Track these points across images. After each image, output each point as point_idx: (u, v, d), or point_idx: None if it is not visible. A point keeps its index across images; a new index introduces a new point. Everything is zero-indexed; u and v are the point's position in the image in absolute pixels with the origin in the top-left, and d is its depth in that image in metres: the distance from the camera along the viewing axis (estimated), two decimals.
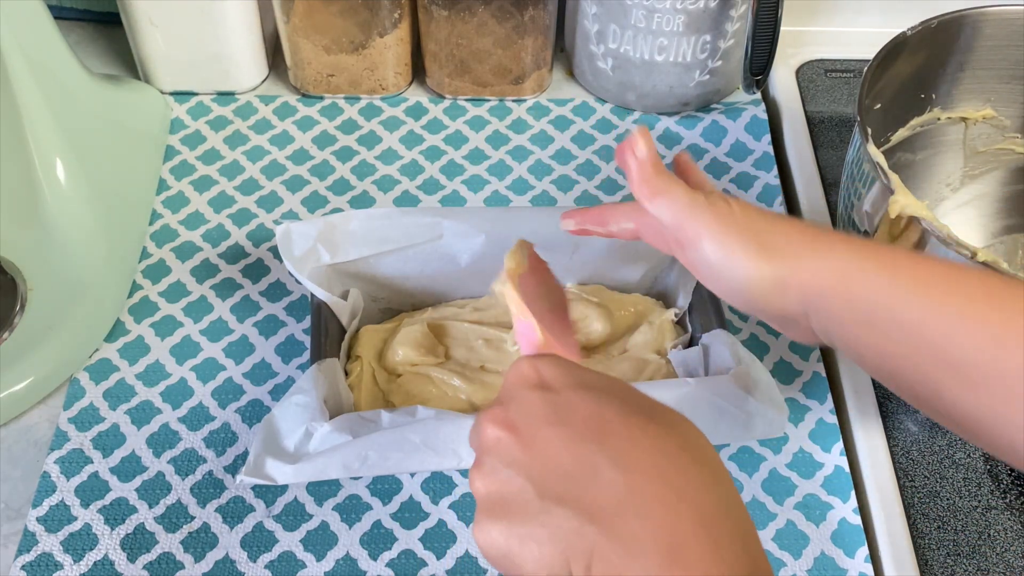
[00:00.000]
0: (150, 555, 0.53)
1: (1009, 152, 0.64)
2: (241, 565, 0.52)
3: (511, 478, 0.36)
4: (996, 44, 0.59)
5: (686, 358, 0.57)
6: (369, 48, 0.73)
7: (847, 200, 0.56)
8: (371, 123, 0.75)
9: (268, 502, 0.55)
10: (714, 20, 0.69)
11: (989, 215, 0.67)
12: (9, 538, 0.53)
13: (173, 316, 0.63)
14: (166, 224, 0.68)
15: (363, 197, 0.70)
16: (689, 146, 0.74)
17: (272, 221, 0.68)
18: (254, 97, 0.77)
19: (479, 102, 0.77)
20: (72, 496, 0.55)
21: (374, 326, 0.60)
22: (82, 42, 0.80)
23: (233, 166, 0.72)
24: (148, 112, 0.73)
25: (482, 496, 0.37)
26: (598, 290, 0.61)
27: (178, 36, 0.72)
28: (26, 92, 0.60)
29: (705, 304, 0.58)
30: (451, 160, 0.73)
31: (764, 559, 0.35)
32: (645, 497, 0.34)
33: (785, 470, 0.57)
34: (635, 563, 0.33)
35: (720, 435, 0.55)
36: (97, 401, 0.59)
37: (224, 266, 0.66)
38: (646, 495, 0.34)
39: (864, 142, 0.52)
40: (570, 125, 0.76)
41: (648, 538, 0.33)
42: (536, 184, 0.72)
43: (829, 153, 0.74)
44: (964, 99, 0.62)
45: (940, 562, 0.53)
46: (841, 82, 0.79)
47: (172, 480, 0.55)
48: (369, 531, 0.54)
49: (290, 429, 0.51)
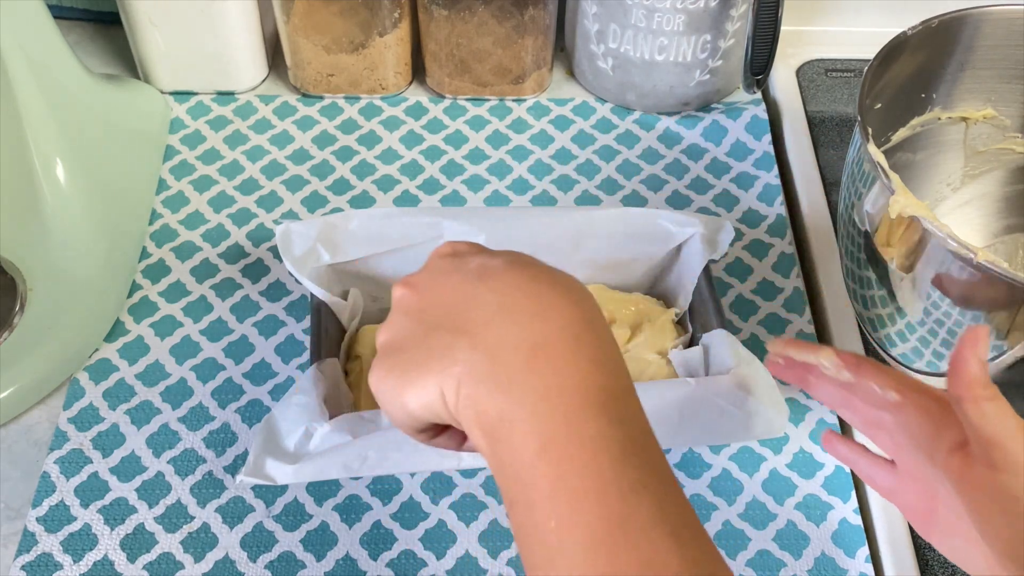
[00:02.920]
0: (150, 555, 0.53)
1: (1009, 152, 0.64)
2: (241, 565, 0.52)
3: (404, 323, 0.38)
4: (997, 44, 0.59)
5: (686, 358, 0.57)
6: (369, 48, 0.73)
7: (847, 200, 0.56)
8: (371, 123, 0.75)
9: (268, 502, 0.55)
10: (714, 20, 0.69)
11: (990, 215, 0.66)
12: (9, 538, 0.53)
13: (173, 316, 0.63)
14: (166, 224, 0.68)
15: (363, 197, 0.70)
16: (689, 146, 0.74)
17: (272, 221, 0.68)
18: (254, 97, 0.77)
19: (479, 102, 0.77)
20: (72, 496, 0.55)
21: (374, 326, 0.60)
22: (82, 42, 0.80)
23: (233, 166, 0.72)
24: (148, 112, 0.73)
25: (380, 346, 0.39)
26: (599, 290, 0.61)
27: (178, 36, 0.72)
28: (26, 92, 0.60)
29: (705, 304, 0.58)
30: (451, 160, 0.73)
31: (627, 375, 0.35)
32: (513, 310, 0.35)
33: (785, 470, 0.57)
34: (498, 366, 0.34)
35: (720, 435, 0.55)
36: (97, 401, 0.59)
37: (224, 266, 0.66)
38: (515, 308, 0.35)
39: (864, 142, 0.52)
40: (570, 125, 0.76)
41: (512, 341, 0.34)
42: (536, 184, 0.71)
43: (829, 153, 0.74)
44: (965, 99, 0.62)
45: (940, 562, 0.53)
46: (841, 82, 0.79)
47: (172, 480, 0.55)
48: (369, 531, 0.54)
49: (290, 429, 0.51)
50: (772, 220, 0.70)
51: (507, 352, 0.34)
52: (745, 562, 0.53)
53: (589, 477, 0.32)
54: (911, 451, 0.43)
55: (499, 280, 0.37)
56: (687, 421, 0.52)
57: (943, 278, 0.50)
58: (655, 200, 0.71)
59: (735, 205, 0.70)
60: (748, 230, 0.69)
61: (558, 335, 0.35)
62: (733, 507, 0.55)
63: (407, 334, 0.37)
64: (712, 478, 0.56)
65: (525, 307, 0.35)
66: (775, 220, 0.70)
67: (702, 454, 0.57)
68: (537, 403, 0.33)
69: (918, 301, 0.52)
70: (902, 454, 0.44)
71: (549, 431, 0.33)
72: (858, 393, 0.44)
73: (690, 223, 0.60)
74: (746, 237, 0.68)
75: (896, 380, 0.43)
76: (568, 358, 0.34)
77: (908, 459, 0.43)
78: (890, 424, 0.44)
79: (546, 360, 0.34)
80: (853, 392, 0.45)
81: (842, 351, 0.45)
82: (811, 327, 0.63)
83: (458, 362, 0.35)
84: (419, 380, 0.36)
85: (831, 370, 0.45)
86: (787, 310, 0.64)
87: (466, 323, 0.36)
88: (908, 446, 0.43)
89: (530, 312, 0.35)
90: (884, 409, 0.43)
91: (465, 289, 0.37)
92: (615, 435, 0.33)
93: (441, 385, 0.35)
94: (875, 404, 0.44)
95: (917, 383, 0.43)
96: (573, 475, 0.32)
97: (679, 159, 0.73)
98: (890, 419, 0.43)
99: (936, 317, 0.51)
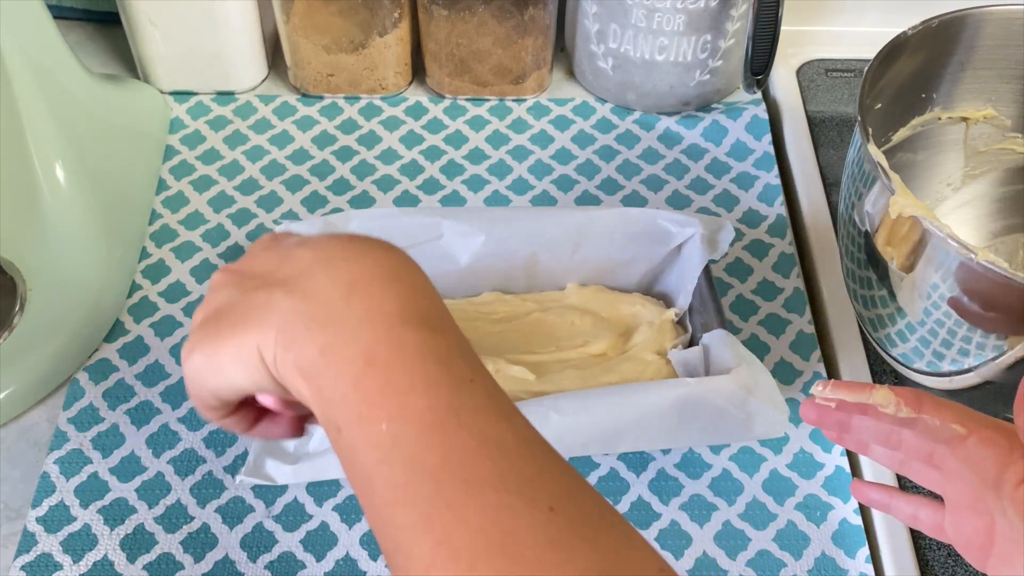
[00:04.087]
0: (150, 555, 0.53)
1: (1010, 152, 0.64)
2: (241, 565, 0.52)
3: (218, 296, 0.37)
4: (997, 44, 0.59)
5: (686, 358, 0.57)
6: (369, 48, 0.73)
7: (848, 200, 0.56)
8: (371, 123, 0.75)
9: (268, 502, 0.55)
10: (714, 20, 0.69)
11: (990, 215, 0.66)
12: (9, 538, 0.53)
13: (173, 316, 0.63)
14: (166, 224, 0.68)
15: (363, 197, 0.70)
16: (689, 146, 0.74)
17: (272, 221, 0.68)
18: (254, 97, 0.77)
19: (479, 102, 0.77)
20: (72, 496, 0.55)
21: None
22: (82, 42, 0.80)
23: (233, 166, 0.72)
24: (148, 112, 0.73)
25: (195, 323, 0.38)
26: (598, 290, 0.61)
27: (178, 36, 0.72)
28: (26, 92, 0.60)
29: (705, 304, 0.58)
30: (451, 160, 0.73)
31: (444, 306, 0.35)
32: (328, 259, 0.35)
33: (786, 470, 0.57)
34: (316, 304, 0.34)
35: (720, 435, 0.55)
36: (97, 401, 0.59)
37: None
38: (330, 257, 0.35)
39: (865, 142, 0.52)
40: (570, 125, 0.76)
41: (328, 282, 0.34)
42: (536, 184, 0.71)
43: (830, 153, 0.74)
44: (965, 99, 0.62)
45: (940, 562, 0.53)
46: (842, 82, 0.79)
47: (172, 480, 0.55)
48: (369, 531, 0.54)
49: None
50: (772, 220, 0.70)
51: (323, 291, 0.34)
52: (745, 562, 0.53)
53: (417, 375, 0.32)
54: (971, 484, 0.41)
55: (316, 242, 0.37)
56: (687, 421, 0.52)
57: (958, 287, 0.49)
58: (655, 200, 0.71)
59: (735, 205, 0.70)
60: (748, 230, 0.69)
61: (373, 270, 0.35)
62: (733, 507, 0.55)
63: (223, 303, 0.37)
64: (712, 478, 0.56)
65: (339, 255, 0.35)
66: (775, 220, 0.70)
67: (702, 454, 0.57)
68: (357, 328, 0.33)
69: (918, 301, 0.52)
70: (958, 488, 0.42)
71: (372, 347, 0.33)
72: (916, 428, 0.43)
73: (690, 223, 0.60)
74: (746, 237, 0.68)
75: (957, 413, 0.42)
76: (385, 288, 0.34)
77: (966, 492, 0.41)
78: (946, 458, 0.42)
79: (364, 292, 0.34)
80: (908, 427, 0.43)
81: (898, 387, 0.43)
82: (811, 327, 0.63)
83: (274, 312, 0.34)
84: (236, 338, 0.35)
85: (889, 408, 0.43)
86: (787, 310, 0.64)
87: (284, 279, 0.35)
88: (968, 479, 0.41)
89: (344, 258, 0.35)
90: (943, 443, 0.42)
91: (281, 253, 0.37)
92: (439, 342, 0.33)
93: (259, 340, 0.35)
94: (934, 438, 0.42)
95: (980, 415, 0.42)
96: (400, 376, 0.32)
97: (679, 159, 0.73)
98: (946, 452, 0.42)
99: (936, 317, 0.51)
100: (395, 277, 0.35)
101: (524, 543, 0.29)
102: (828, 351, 0.63)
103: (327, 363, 0.33)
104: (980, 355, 0.51)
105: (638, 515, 0.55)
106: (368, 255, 0.36)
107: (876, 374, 0.61)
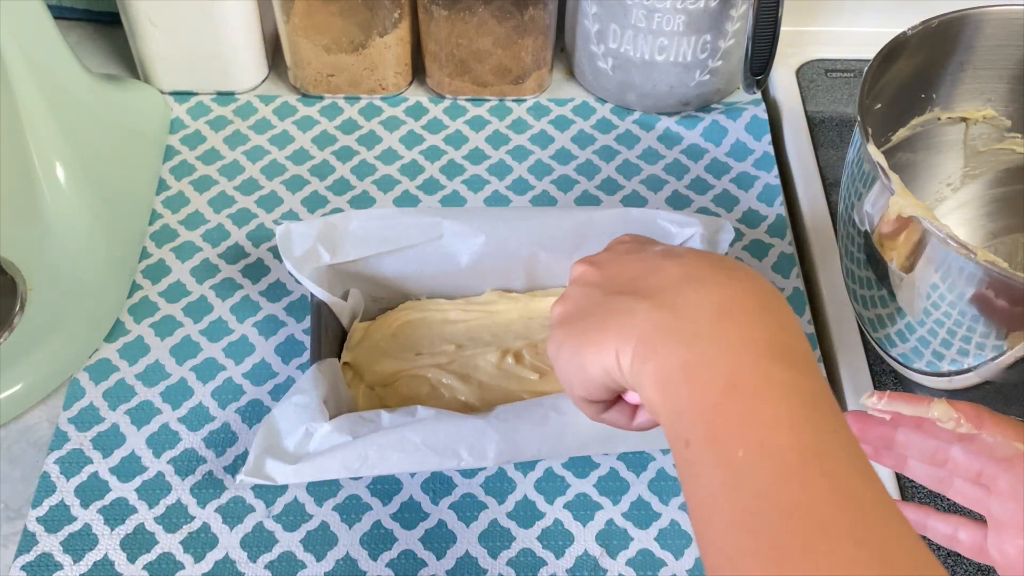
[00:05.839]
0: (150, 555, 0.53)
1: (1009, 152, 0.64)
2: (241, 565, 0.52)
3: (583, 292, 0.38)
4: (996, 44, 0.59)
5: None
6: (369, 48, 0.73)
7: (847, 200, 0.56)
8: (371, 123, 0.75)
9: (268, 502, 0.55)
10: (714, 20, 0.69)
11: (990, 215, 0.66)
12: (9, 538, 0.53)
13: (173, 316, 0.63)
14: (166, 224, 0.68)
15: (363, 197, 0.70)
16: (689, 146, 0.74)
17: (272, 221, 0.68)
18: (254, 97, 0.77)
19: (479, 102, 0.77)
20: (72, 496, 0.55)
21: (363, 323, 0.59)
22: (82, 42, 0.80)
23: (233, 166, 0.72)
24: (148, 112, 0.73)
25: (557, 317, 0.39)
26: None
27: (178, 36, 0.72)
28: (26, 92, 0.60)
29: None
30: (451, 160, 0.73)
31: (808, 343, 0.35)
32: (699, 278, 0.35)
33: None
34: (683, 322, 0.34)
35: None
36: (97, 401, 0.59)
37: (224, 266, 0.66)
38: (700, 277, 0.35)
39: (865, 142, 0.52)
40: (570, 125, 0.76)
41: (697, 301, 0.34)
42: (536, 184, 0.71)
43: (829, 153, 0.74)
44: (964, 99, 0.62)
45: (940, 562, 0.53)
46: (841, 82, 0.79)
47: (172, 480, 0.55)
48: (369, 531, 0.54)
49: (290, 429, 0.51)
50: (772, 220, 0.70)
51: (692, 310, 0.34)
52: None
53: (782, 413, 0.31)
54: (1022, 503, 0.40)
55: (684, 257, 0.37)
56: None
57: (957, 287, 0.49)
58: (655, 200, 0.71)
59: (735, 205, 0.70)
60: (748, 230, 0.69)
61: (744, 297, 0.34)
62: None
63: (586, 302, 0.38)
64: None
65: (710, 276, 0.35)
66: (775, 220, 0.70)
67: None
68: (724, 351, 0.33)
69: (918, 301, 0.52)
70: (1009, 508, 0.41)
71: (737, 374, 0.32)
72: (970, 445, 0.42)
73: (690, 223, 0.60)
74: (746, 237, 0.68)
75: (1019, 430, 0.41)
76: (754, 318, 0.34)
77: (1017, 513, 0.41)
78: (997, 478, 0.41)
79: (733, 317, 0.34)
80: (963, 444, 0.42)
81: (956, 402, 0.42)
82: (811, 327, 0.63)
83: (639, 320, 0.35)
84: (597, 339, 0.36)
85: (949, 424, 0.42)
86: None
87: (649, 289, 0.35)
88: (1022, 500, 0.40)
89: (715, 281, 0.35)
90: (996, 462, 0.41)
91: (649, 262, 0.37)
92: (805, 384, 0.33)
93: (618, 345, 0.35)
94: (989, 456, 0.41)
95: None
96: (765, 410, 0.31)
97: (679, 159, 0.73)
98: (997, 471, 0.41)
99: (936, 317, 0.51)
100: (765, 307, 0.35)
101: None
102: (828, 351, 0.63)
103: (687, 378, 0.33)
104: (980, 355, 0.51)
105: (638, 515, 0.55)
106: (741, 281, 0.35)
107: (876, 374, 0.61)
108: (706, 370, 0.33)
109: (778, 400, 0.32)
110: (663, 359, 0.33)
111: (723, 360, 0.33)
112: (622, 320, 0.35)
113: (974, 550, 0.44)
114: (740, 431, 0.31)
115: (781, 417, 0.31)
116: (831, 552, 0.29)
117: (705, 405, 0.32)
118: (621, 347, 0.35)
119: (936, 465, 0.44)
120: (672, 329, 0.34)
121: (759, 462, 0.31)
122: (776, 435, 0.31)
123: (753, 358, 0.33)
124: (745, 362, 0.32)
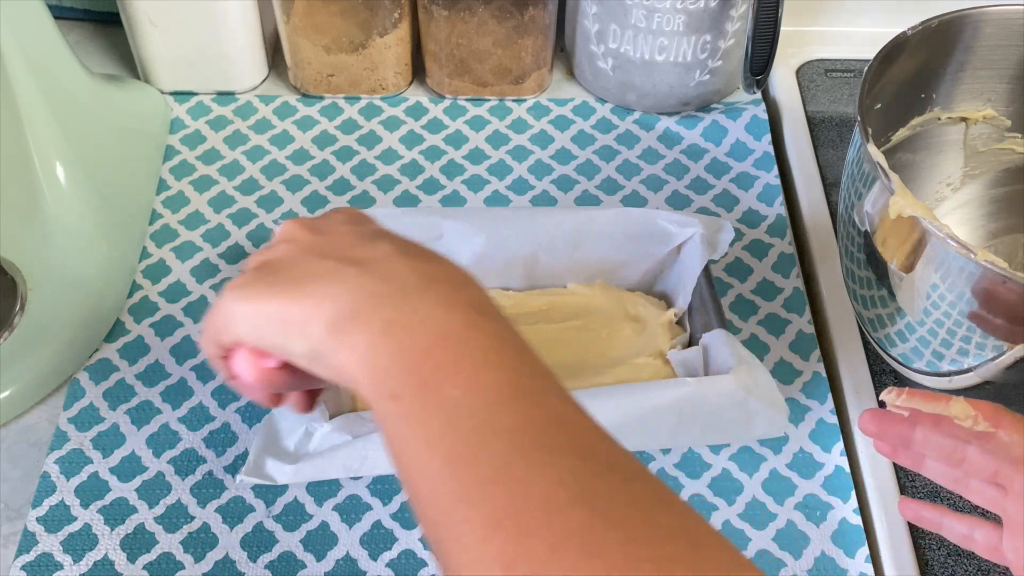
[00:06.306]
0: (150, 555, 0.53)
1: (1009, 152, 0.64)
2: (241, 565, 0.52)
3: (289, 249, 0.37)
4: (996, 44, 0.59)
5: (686, 358, 0.57)
6: (369, 48, 0.73)
7: (847, 200, 0.56)
8: (371, 123, 0.75)
9: (268, 502, 0.55)
10: (714, 20, 0.69)
11: (989, 215, 0.66)
12: (9, 538, 0.53)
13: (173, 316, 0.63)
14: (166, 224, 0.68)
15: (363, 197, 0.70)
16: (689, 146, 0.74)
17: (272, 221, 0.68)
18: (254, 97, 0.77)
19: (479, 102, 0.77)
20: (72, 496, 0.55)
21: None
22: (82, 42, 0.80)
23: (233, 166, 0.72)
24: (148, 112, 0.73)
25: (253, 263, 0.38)
26: (603, 286, 0.61)
27: (178, 36, 0.72)
28: (26, 92, 0.60)
29: (705, 304, 0.58)
30: (451, 160, 0.73)
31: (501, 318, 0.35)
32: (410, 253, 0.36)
33: (785, 470, 0.57)
34: (391, 285, 0.34)
35: (720, 435, 0.56)
36: (97, 401, 0.59)
37: (224, 266, 0.66)
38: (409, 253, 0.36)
39: (865, 142, 0.52)
40: (570, 125, 0.76)
41: (407, 271, 0.35)
42: (536, 184, 0.71)
43: (829, 153, 0.74)
44: (964, 99, 0.62)
45: (940, 562, 0.53)
46: (841, 82, 0.79)
47: (172, 480, 0.55)
48: (369, 531, 0.54)
49: (290, 429, 0.51)
50: (772, 220, 0.70)
51: (401, 277, 0.34)
52: None
53: (492, 356, 0.32)
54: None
55: (393, 238, 0.37)
56: (687, 421, 0.53)
57: (957, 287, 0.50)
58: (655, 200, 0.71)
59: (735, 205, 0.70)
60: (748, 230, 0.69)
61: (450, 273, 0.36)
62: (733, 507, 0.55)
63: (289, 259, 0.36)
64: (712, 478, 0.56)
65: (420, 254, 0.36)
66: (775, 220, 0.70)
67: (702, 454, 0.57)
68: (433, 308, 0.33)
69: (918, 301, 0.52)
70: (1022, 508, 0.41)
71: (448, 328, 0.33)
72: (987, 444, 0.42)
73: (690, 223, 0.60)
74: (746, 237, 0.68)
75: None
76: (459, 286, 0.35)
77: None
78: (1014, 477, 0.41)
79: (440, 284, 0.34)
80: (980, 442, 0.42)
81: (974, 400, 0.42)
82: (811, 327, 0.63)
83: (339, 285, 0.34)
84: (286, 298, 0.35)
85: (967, 422, 0.42)
86: (787, 310, 0.64)
87: (357, 259, 0.35)
88: None
89: (424, 257, 0.36)
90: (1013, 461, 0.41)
91: (362, 234, 0.37)
92: (514, 337, 0.34)
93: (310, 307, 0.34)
94: (1005, 455, 0.41)
95: None
96: (476, 353, 0.32)
97: (679, 159, 0.73)
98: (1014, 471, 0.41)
99: (936, 317, 0.51)
100: (469, 281, 0.36)
101: (606, 499, 0.28)
102: (828, 351, 0.63)
103: (395, 337, 0.33)
104: (980, 355, 0.51)
105: None
106: (445, 261, 0.36)
107: (876, 374, 0.61)
108: (417, 326, 0.33)
109: (488, 345, 0.33)
110: (365, 321, 0.33)
111: (433, 316, 0.33)
112: (322, 282, 0.35)
113: (989, 550, 0.44)
114: (452, 373, 0.32)
115: (492, 359, 0.32)
116: (555, 463, 0.29)
117: (415, 358, 0.32)
118: (314, 309, 0.34)
119: (953, 464, 0.44)
120: (379, 293, 0.34)
121: (476, 395, 0.31)
122: (491, 372, 0.32)
123: (463, 313, 0.33)
124: (455, 317, 0.33)
